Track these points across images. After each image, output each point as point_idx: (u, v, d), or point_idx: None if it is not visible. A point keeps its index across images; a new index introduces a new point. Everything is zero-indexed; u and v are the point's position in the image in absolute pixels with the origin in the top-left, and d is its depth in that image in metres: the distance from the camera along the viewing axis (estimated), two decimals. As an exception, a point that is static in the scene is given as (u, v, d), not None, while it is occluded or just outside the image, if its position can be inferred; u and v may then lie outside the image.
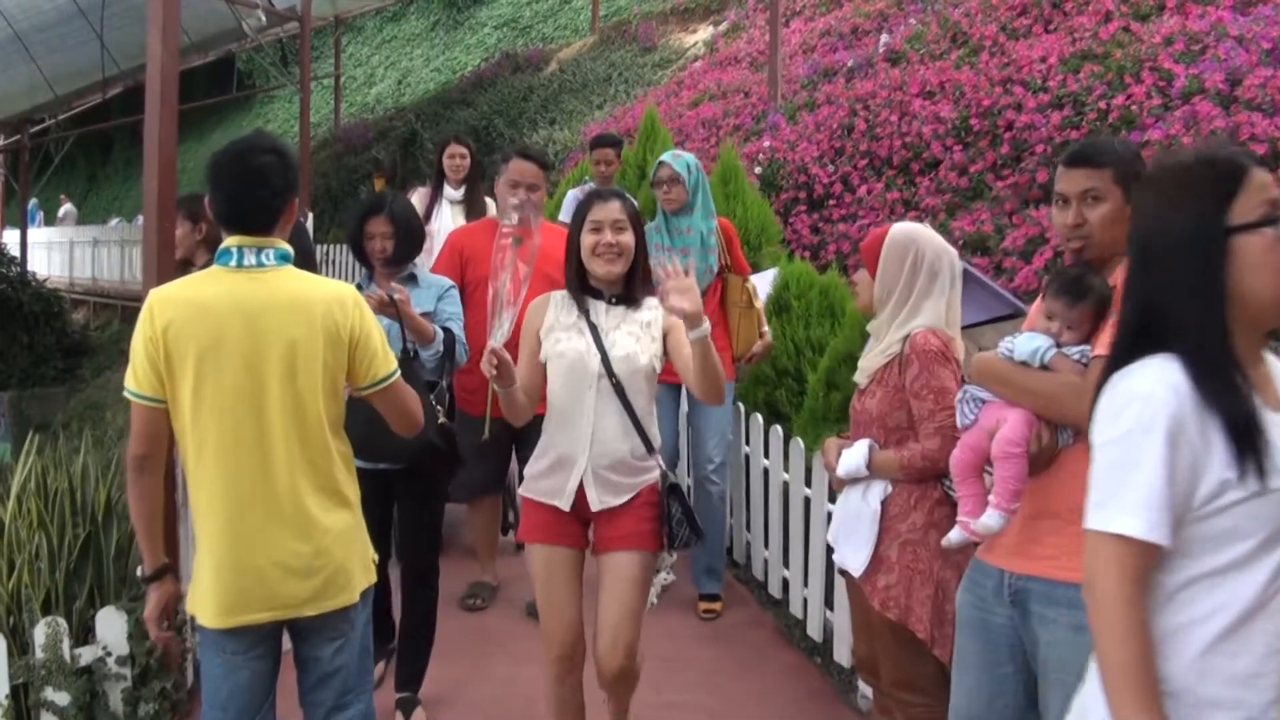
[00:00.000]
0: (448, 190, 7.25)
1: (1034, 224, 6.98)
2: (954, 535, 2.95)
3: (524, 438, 4.91)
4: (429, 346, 4.47)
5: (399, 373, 3.18)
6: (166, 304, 2.87)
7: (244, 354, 2.86)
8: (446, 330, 4.58)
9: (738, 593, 5.71)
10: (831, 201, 9.28)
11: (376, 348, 3.09)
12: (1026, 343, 2.77)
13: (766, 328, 5.61)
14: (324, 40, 27.17)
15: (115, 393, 15.14)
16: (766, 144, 10.46)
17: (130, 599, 4.72)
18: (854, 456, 3.35)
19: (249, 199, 2.94)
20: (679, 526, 3.62)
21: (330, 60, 24.60)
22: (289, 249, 3.01)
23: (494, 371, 3.36)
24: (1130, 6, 9.21)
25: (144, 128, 4.53)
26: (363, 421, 3.72)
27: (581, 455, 3.55)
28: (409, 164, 18.88)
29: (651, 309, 3.68)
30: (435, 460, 4.42)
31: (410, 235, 4.55)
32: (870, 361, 3.45)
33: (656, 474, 3.66)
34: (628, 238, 3.59)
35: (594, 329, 3.59)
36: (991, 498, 2.76)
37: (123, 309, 20.12)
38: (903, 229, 3.46)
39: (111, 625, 4.50)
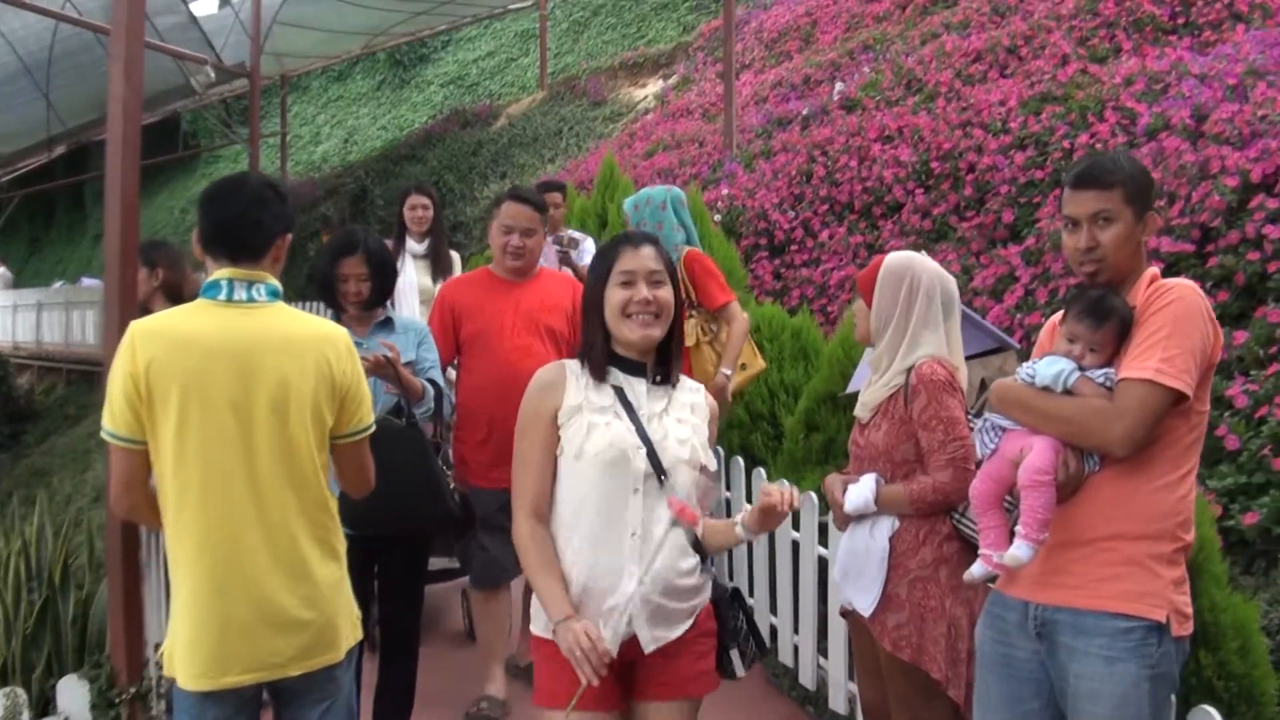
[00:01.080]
0: (410, 243, 6.80)
1: (1002, 263, 6.97)
2: (976, 570, 2.84)
3: None
4: (420, 404, 4.18)
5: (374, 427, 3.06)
6: (149, 338, 2.70)
7: (232, 393, 2.71)
8: (432, 384, 4.30)
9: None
10: (793, 247, 9.26)
11: (365, 395, 2.99)
12: (1048, 367, 2.69)
13: (727, 368, 5.17)
14: (269, 99, 27.05)
15: (61, 458, 14.82)
16: (725, 191, 10.44)
17: (92, 666, 4.51)
18: (861, 491, 3.25)
19: (238, 219, 2.82)
20: (745, 642, 2.97)
21: (275, 119, 24.51)
22: (279, 286, 2.89)
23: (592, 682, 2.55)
24: (1087, 49, 9.31)
25: (106, 170, 4.38)
26: (378, 486, 3.57)
27: (628, 582, 2.69)
28: (359, 220, 18.73)
29: (693, 390, 2.98)
30: (452, 529, 4.33)
31: (386, 276, 4.31)
32: (872, 394, 3.36)
33: (709, 590, 2.92)
34: (666, 293, 2.82)
35: (631, 412, 2.81)
36: (1019, 529, 2.66)
37: (68, 373, 19.73)
38: (898, 257, 3.41)
39: (73, 695, 4.31)
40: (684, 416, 2.86)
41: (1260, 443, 4.54)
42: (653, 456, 2.75)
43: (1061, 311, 2.84)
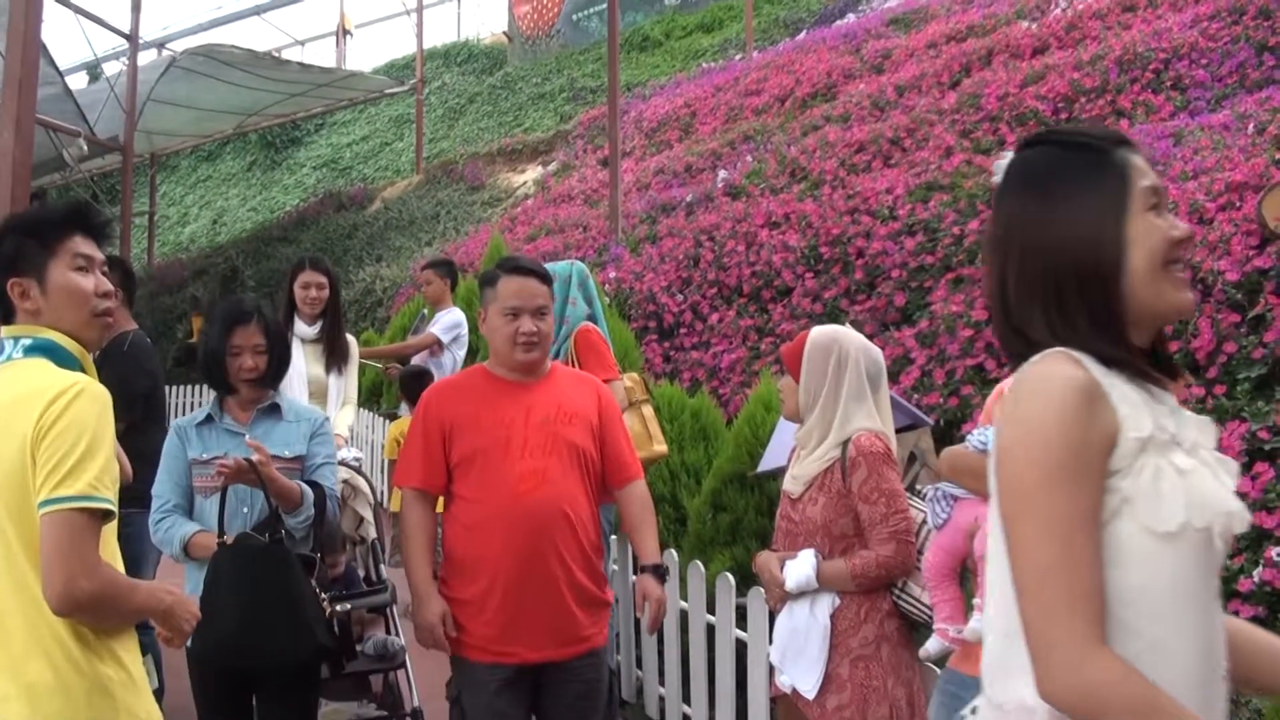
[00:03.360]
0: (299, 326, 5.77)
1: (896, 345, 7.02)
2: (932, 645, 2.77)
3: (549, 685, 3.51)
4: (297, 512, 3.58)
5: (93, 507, 2.21)
6: None
7: None
8: (314, 485, 3.69)
9: (628, 733, 5.35)
10: (683, 330, 9.25)
11: (68, 457, 2.21)
12: (1002, 434, 2.64)
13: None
14: (138, 178, 26.42)
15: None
16: (612, 274, 10.41)
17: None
18: (802, 568, 3.15)
19: None
20: None
21: (144, 198, 23.91)
22: (52, 339, 2.41)
23: None
24: (971, 141, 9.56)
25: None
26: (232, 613, 3.26)
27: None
28: (229, 302, 18.26)
29: None
30: (324, 663, 3.73)
31: (284, 350, 3.87)
32: (805, 468, 3.29)
33: None
34: None
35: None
36: (977, 601, 2.59)
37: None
38: (823, 331, 3.38)
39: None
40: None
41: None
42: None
43: (1011, 379, 2.80)
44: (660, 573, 3.56)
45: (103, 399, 2.32)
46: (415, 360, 7.60)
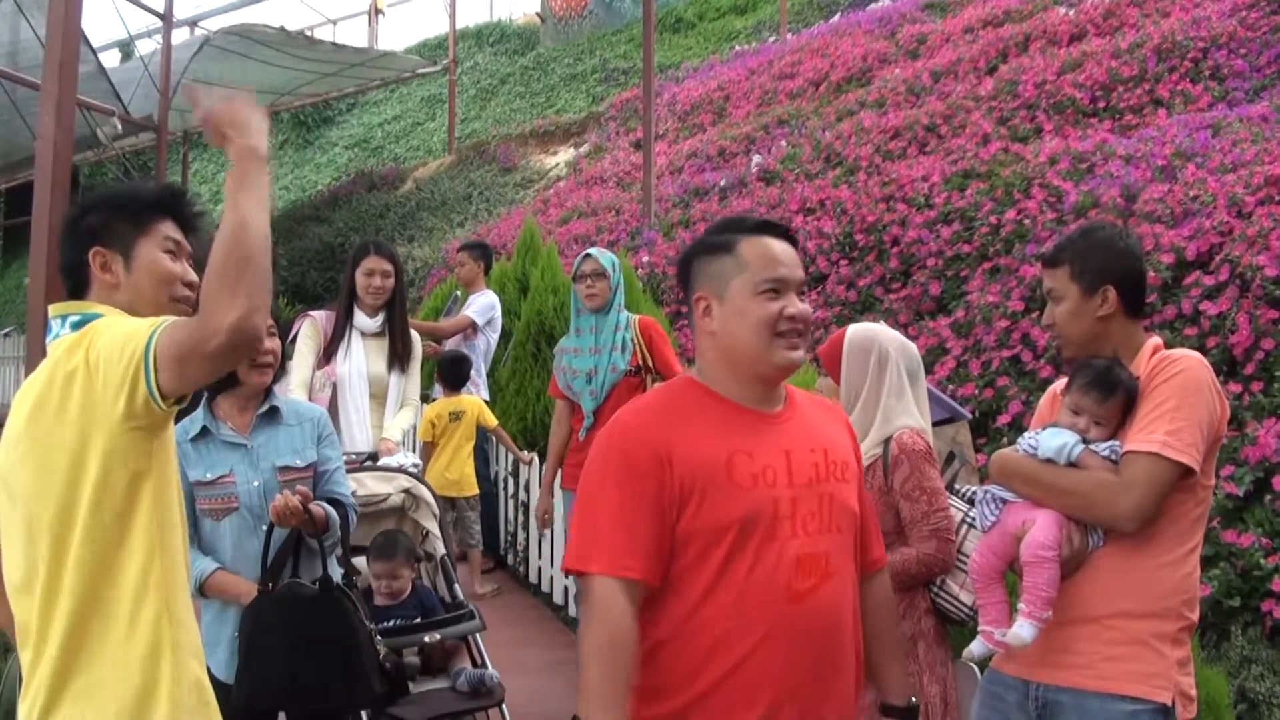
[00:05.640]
0: (359, 318, 5.25)
1: (932, 335, 6.99)
2: (975, 648, 2.75)
3: None
4: (326, 536, 3.29)
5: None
6: None
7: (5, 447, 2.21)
8: (335, 503, 3.39)
9: None
10: (716, 316, 9.21)
11: (124, 332, 2.05)
12: (1052, 439, 2.63)
13: None
14: (170, 156, 26.56)
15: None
16: (645, 259, 10.40)
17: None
18: (844, 564, 3.15)
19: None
20: None
21: (176, 176, 24.02)
22: (100, 311, 2.20)
23: None
24: (1009, 129, 9.51)
25: (33, 213, 4.16)
26: (282, 654, 3.09)
27: None
28: (261, 281, 18.35)
29: None
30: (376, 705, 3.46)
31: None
32: (849, 466, 3.27)
33: None
34: None
35: None
36: (1021, 606, 2.58)
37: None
38: (859, 329, 3.38)
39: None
40: None
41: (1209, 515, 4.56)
42: None
43: (1063, 380, 2.79)
44: (911, 717, 2.47)
45: None
46: (448, 344, 7.61)
